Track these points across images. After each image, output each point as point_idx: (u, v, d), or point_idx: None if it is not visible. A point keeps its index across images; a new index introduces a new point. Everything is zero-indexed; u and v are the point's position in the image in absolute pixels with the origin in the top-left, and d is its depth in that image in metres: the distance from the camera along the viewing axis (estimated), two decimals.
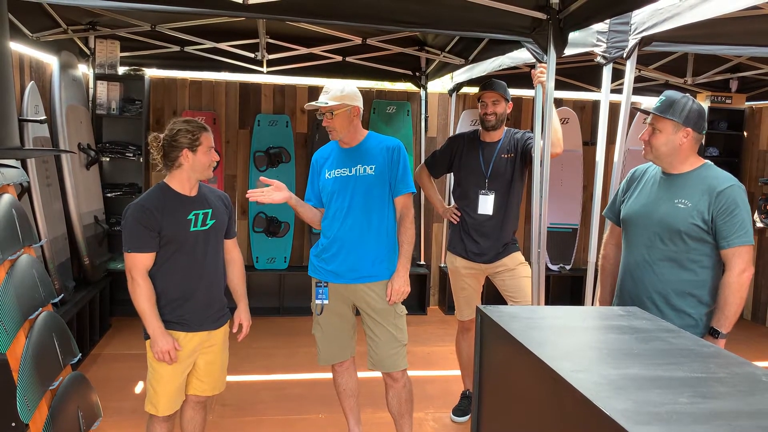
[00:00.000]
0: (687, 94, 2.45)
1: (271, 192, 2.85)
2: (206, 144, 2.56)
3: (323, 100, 2.89)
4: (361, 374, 3.20)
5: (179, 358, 2.57)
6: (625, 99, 3.33)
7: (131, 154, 5.48)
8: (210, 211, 2.64)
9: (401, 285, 2.93)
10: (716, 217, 2.33)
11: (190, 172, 2.57)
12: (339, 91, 2.89)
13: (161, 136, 2.57)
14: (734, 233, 2.32)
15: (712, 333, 2.37)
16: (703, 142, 3.03)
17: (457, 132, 5.87)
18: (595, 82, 5.67)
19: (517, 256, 3.56)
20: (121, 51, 5.41)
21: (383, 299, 2.95)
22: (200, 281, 2.60)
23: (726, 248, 2.34)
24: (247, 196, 2.84)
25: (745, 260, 2.33)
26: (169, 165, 2.57)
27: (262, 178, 2.92)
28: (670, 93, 2.45)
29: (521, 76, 5.30)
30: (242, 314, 2.83)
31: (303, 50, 5.43)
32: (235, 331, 2.80)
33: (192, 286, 2.59)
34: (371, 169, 2.94)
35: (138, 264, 2.49)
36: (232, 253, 2.83)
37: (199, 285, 2.60)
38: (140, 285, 2.49)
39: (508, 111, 3.54)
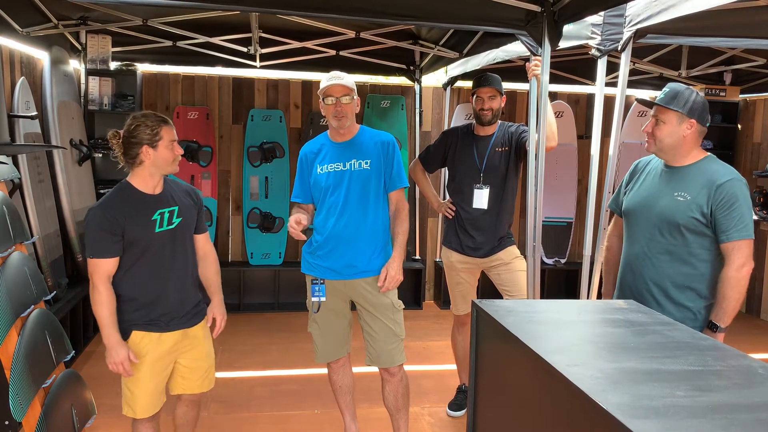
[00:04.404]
0: (690, 87, 2.45)
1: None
2: (167, 138, 2.42)
3: (342, 83, 2.86)
4: (356, 369, 3.19)
5: (155, 359, 2.49)
6: (619, 92, 3.32)
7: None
8: (176, 208, 2.51)
9: (396, 272, 2.89)
10: (715, 211, 2.32)
11: (152, 169, 2.44)
12: (351, 79, 2.91)
13: (121, 132, 2.43)
14: (733, 227, 2.31)
15: (711, 327, 2.37)
16: None
17: (451, 126, 5.87)
18: (589, 76, 5.66)
19: (513, 250, 3.55)
20: (113, 46, 5.36)
21: (381, 294, 2.94)
22: (169, 282, 2.50)
23: (725, 242, 2.33)
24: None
25: (745, 254, 2.32)
26: (131, 163, 2.44)
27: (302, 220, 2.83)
28: (673, 85, 2.44)
29: (515, 70, 5.30)
30: (216, 308, 2.70)
31: (296, 44, 5.41)
32: (209, 325, 2.70)
33: (161, 287, 2.48)
34: (366, 163, 2.92)
35: (99, 270, 2.38)
36: (205, 248, 2.71)
37: (168, 286, 2.50)
38: (101, 292, 2.38)
39: (503, 105, 3.53)
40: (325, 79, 2.90)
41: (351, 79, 2.91)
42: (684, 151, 2.44)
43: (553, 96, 6.19)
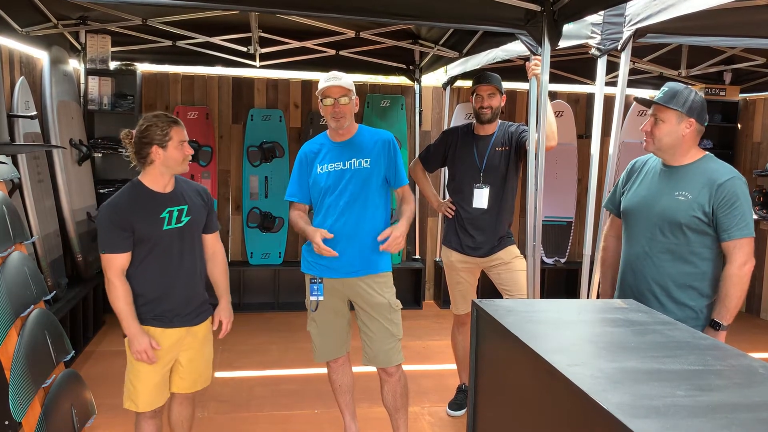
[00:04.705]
0: (689, 86, 2.45)
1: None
2: (177, 138, 2.49)
3: (340, 84, 2.86)
4: (355, 369, 3.19)
5: (157, 355, 2.53)
6: (619, 91, 3.32)
7: (123, 150, 5.43)
8: (185, 207, 2.58)
9: (400, 234, 2.82)
10: (717, 210, 2.33)
11: (162, 168, 2.51)
12: (349, 79, 2.91)
13: (133, 132, 2.52)
14: (735, 225, 2.32)
15: (713, 325, 2.38)
16: None
17: (451, 125, 5.87)
18: (589, 75, 5.66)
19: (513, 250, 3.55)
20: (113, 46, 5.36)
21: (378, 293, 2.94)
22: (177, 279, 2.55)
23: (727, 240, 2.34)
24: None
25: (746, 252, 2.33)
26: (142, 162, 2.52)
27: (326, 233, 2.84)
28: (672, 84, 2.44)
29: (515, 69, 5.29)
30: (223, 311, 2.76)
31: (296, 44, 5.41)
32: (215, 328, 2.75)
33: (169, 284, 2.54)
34: (366, 162, 2.92)
35: (113, 265, 2.44)
36: (214, 247, 2.78)
37: (175, 283, 2.55)
38: (116, 286, 2.45)
39: (502, 104, 3.52)
40: (323, 79, 2.90)
41: (349, 80, 2.91)
42: (683, 150, 2.44)
43: (553, 95, 6.19)
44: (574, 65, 5.73)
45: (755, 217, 5.89)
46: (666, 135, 2.42)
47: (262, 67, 5.80)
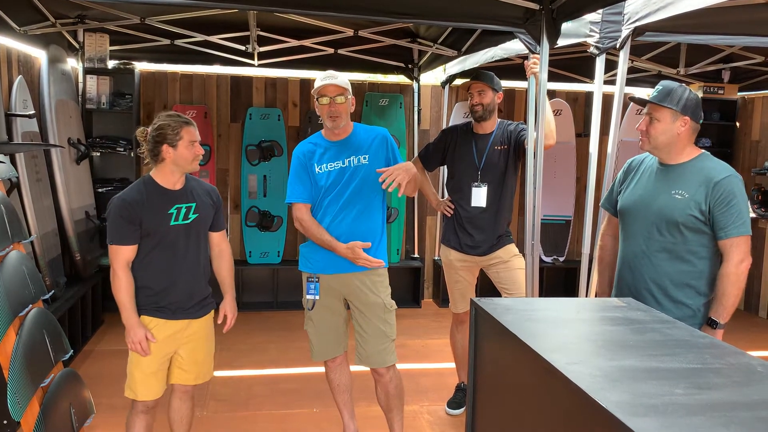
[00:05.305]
0: (683, 84, 2.45)
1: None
2: (188, 138, 2.58)
3: (336, 83, 2.86)
4: (354, 368, 3.18)
5: (158, 342, 2.60)
6: (618, 90, 3.32)
7: (122, 149, 5.44)
8: (194, 205, 2.66)
9: (404, 169, 2.76)
10: (713, 208, 2.33)
11: (172, 167, 2.60)
12: (345, 78, 2.91)
13: (147, 130, 2.61)
14: (732, 224, 2.32)
15: (710, 323, 2.38)
16: None
17: (450, 124, 5.87)
18: (587, 74, 5.66)
19: (511, 248, 3.55)
20: (111, 44, 5.36)
21: (374, 293, 2.94)
22: (180, 274, 2.63)
23: (724, 239, 2.34)
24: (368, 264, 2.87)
25: (743, 251, 2.33)
26: (154, 159, 2.61)
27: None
28: (666, 83, 2.45)
29: (514, 68, 5.30)
30: (227, 306, 2.87)
31: (294, 43, 5.40)
32: (219, 322, 2.84)
33: (172, 278, 2.61)
34: (365, 158, 2.93)
35: (119, 256, 2.54)
36: (221, 245, 2.88)
37: (179, 278, 2.63)
38: (120, 277, 2.54)
39: (498, 101, 3.52)
40: (319, 78, 2.90)
41: (345, 78, 2.91)
42: (678, 148, 2.44)
43: (552, 94, 6.19)
44: (573, 64, 5.73)
45: (753, 215, 5.89)
46: (661, 134, 2.42)
47: (260, 65, 5.80)
